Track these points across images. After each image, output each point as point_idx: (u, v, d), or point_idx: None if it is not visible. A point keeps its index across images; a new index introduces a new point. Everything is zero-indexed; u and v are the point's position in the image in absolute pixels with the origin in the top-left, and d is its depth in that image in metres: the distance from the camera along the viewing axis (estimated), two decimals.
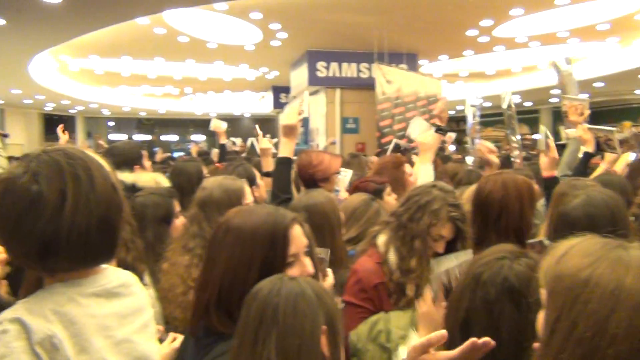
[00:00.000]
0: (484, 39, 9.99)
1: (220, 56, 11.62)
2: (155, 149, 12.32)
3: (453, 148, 8.38)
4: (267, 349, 0.99)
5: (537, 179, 2.93)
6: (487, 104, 15.14)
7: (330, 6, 7.96)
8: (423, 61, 11.97)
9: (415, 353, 1.09)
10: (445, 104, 3.35)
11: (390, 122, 9.46)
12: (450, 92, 14.01)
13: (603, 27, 9.48)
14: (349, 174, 3.63)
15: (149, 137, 25.25)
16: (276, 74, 13.81)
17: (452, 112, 16.44)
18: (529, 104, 18.71)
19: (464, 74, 14.36)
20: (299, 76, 11.42)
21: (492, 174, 2.40)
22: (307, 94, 2.92)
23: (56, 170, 1.07)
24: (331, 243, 2.03)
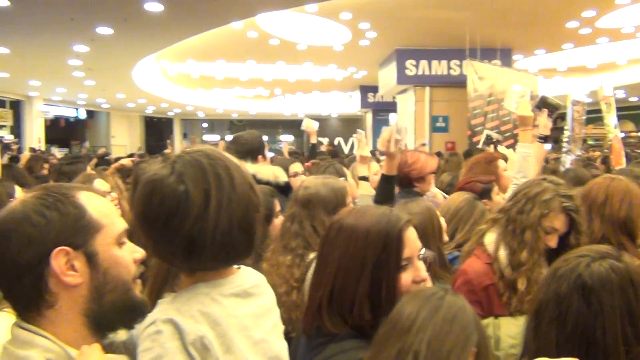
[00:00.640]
0: (586, 30, 9.44)
1: (310, 57, 11.81)
2: None
3: (549, 147, 7.96)
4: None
5: None
6: (588, 100, 14.23)
7: (420, 3, 7.85)
8: (518, 56, 11.52)
9: None
10: (546, 118, 3.18)
11: (483, 120, 9.13)
12: (547, 88, 13.33)
13: None
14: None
15: None
16: (364, 73, 13.81)
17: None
18: (634, 99, 17.42)
19: (562, 68, 13.61)
20: (387, 75, 11.34)
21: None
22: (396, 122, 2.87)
23: (200, 171, 1.09)
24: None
